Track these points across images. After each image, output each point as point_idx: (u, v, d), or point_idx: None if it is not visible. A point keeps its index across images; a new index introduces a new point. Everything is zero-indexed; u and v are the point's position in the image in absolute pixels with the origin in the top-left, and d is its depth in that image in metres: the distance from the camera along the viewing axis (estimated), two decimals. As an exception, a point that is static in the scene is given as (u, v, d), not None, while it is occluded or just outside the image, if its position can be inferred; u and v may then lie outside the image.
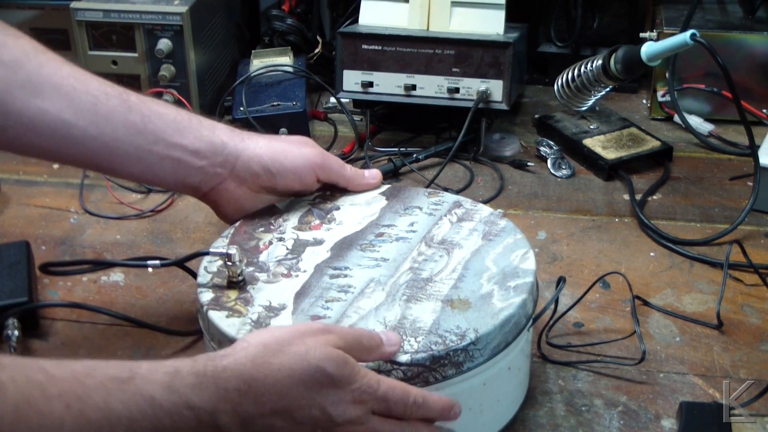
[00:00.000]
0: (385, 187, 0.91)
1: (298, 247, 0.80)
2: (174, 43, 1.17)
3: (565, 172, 1.16)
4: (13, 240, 0.96)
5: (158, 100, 0.84)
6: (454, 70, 1.16)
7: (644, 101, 1.35)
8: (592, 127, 1.22)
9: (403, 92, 1.18)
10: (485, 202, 1.08)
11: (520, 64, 1.25)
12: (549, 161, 1.17)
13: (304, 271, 0.77)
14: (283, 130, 1.18)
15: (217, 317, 0.72)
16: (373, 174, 0.91)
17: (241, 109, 1.19)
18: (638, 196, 1.09)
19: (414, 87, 1.18)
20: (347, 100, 1.24)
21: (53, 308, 0.91)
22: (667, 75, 1.23)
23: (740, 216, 1.02)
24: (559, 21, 1.36)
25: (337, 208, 0.87)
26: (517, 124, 1.29)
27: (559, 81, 1.18)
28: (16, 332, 0.84)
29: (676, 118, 1.25)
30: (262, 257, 0.79)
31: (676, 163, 1.18)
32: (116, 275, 0.97)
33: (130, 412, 0.58)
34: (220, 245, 0.79)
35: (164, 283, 0.95)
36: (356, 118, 1.26)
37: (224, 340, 0.71)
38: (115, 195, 1.10)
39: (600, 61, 1.11)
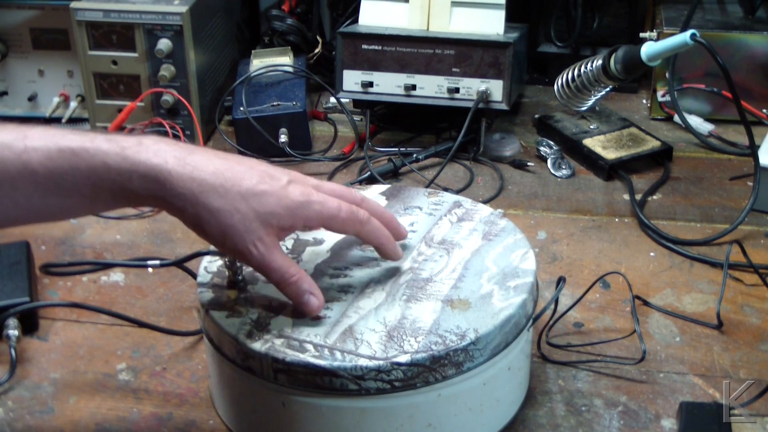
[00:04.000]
0: (385, 187, 0.91)
1: (298, 247, 0.80)
2: (174, 43, 1.17)
3: (565, 172, 1.16)
4: (13, 240, 0.95)
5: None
6: (454, 70, 1.16)
7: (644, 101, 1.35)
8: (592, 127, 1.22)
9: (403, 92, 1.18)
10: (485, 202, 1.08)
11: (520, 64, 1.25)
12: (549, 161, 1.17)
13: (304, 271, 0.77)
14: (283, 130, 1.18)
15: (217, 317, 0.72)
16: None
17: (241, 109, 1.19)
18: (638, 196, 1.09)
19: (414, 87, 1.18)
20: (347, 100, 1.24)
21: (53, 308, 0.91)
22: (667, 75, 1.23)
23: (740, 216, 1.02)
24: (559, 21, 1.36)
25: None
26: (517, 124, 1.29)
27: (559, 81, 1.18)
28: (16, 332, 0.84)
29: (676, 118, 1.25)
30: (262, 257, 0.79)
31: (676, 163, 1.18)
32: (116, 275, 0.97)
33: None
34: (220, 245, 0.79)
35: (164, 283, 0.95)
36: (356, 118, 1.26)
37: (224, 340, 0.71)
38: (115, 195, 1.10)
39: (600, 61, 1.11)
